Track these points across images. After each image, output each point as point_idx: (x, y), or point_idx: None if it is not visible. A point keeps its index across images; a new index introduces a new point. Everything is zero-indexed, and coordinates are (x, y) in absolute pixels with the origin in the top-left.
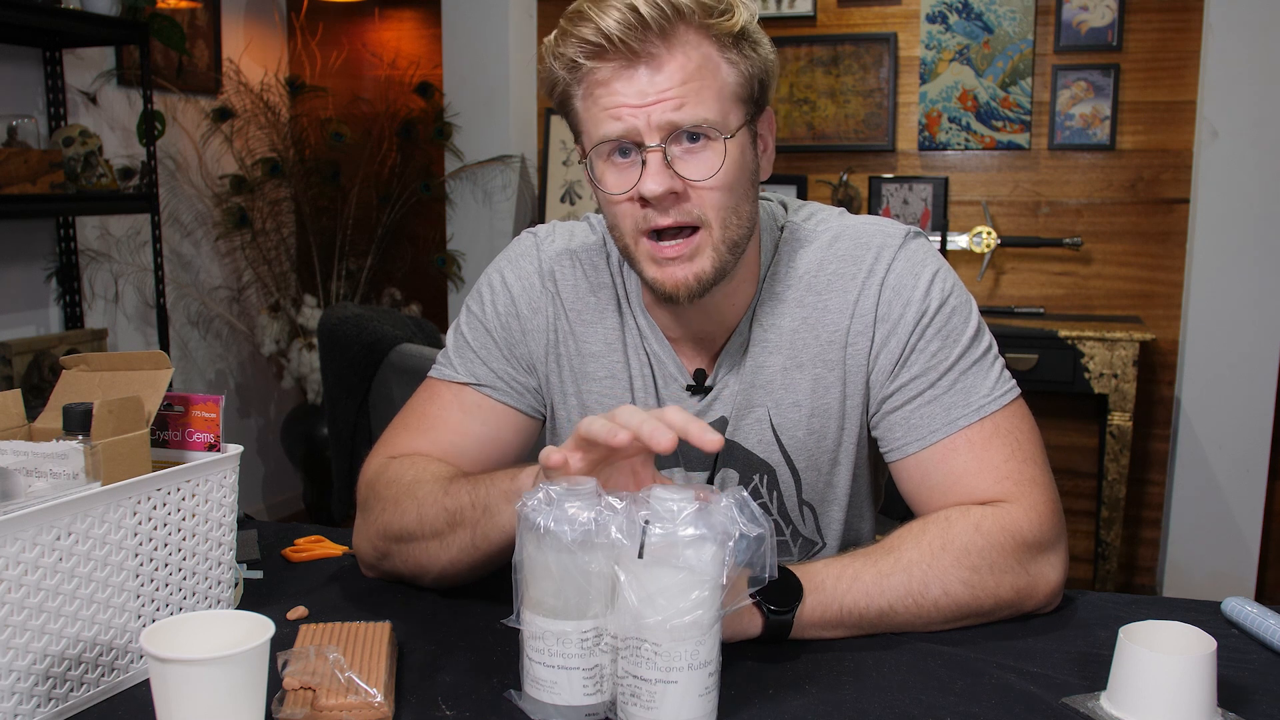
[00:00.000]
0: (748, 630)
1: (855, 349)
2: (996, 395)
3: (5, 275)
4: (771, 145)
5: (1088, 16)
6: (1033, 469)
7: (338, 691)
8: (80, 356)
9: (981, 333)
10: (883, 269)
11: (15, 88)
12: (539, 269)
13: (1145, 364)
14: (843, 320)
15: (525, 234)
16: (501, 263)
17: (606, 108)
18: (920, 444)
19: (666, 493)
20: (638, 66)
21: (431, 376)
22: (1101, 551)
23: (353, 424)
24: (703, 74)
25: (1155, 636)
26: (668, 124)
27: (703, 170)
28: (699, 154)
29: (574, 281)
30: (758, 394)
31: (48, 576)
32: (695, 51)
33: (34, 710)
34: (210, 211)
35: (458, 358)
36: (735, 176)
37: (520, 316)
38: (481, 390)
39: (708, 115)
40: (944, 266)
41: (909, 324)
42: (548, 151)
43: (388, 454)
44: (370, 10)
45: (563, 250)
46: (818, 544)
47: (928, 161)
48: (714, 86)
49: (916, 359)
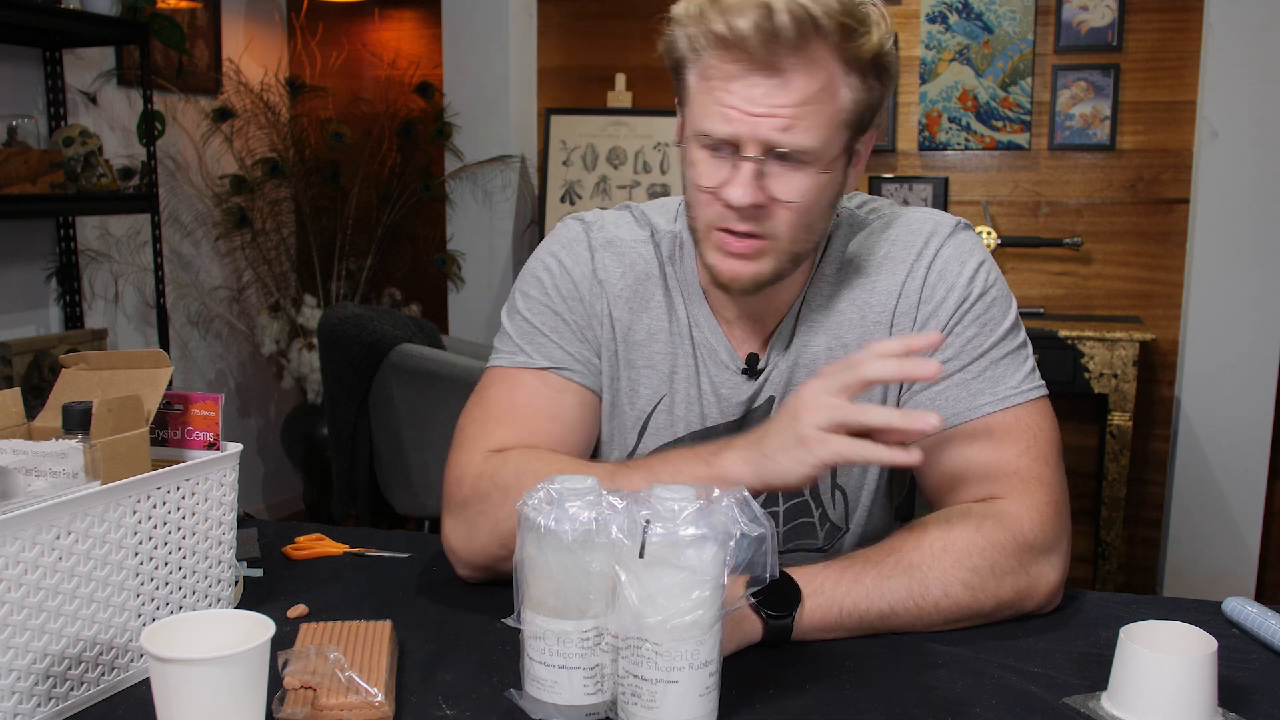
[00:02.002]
0: (748, 637)
1: (899, 329)
2: (1024, 389)
3: (5, 275)
4: (865, 159)
5: (1088, 16)
6: (1043, 468)
7: (338, 691)
8: (79, 355)
9: (1017, 329)
10: (930, 254)
11: (15, 88)
12: (590, 257)
13: (1145, 364)
14: (889, 301)
15: (571, 220)
16: (554, 247)
17: (719, 102)
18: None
19: (667, 492)
20: (760, 74)
21: (501, 366)
22: (1101, 551)
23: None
24: (820, 98)
25: (1156, 636)
26: (770, 142)
27: (790, 193)
28: (790, 176)
29: (621, 271)
30: (801, 373)
31: (47, 575)
32: (821, 71)
33: (34, 710)
34: (210, 211)
35: (529, 344)
36: (818, 200)
37: (584, 300)
38: (562, 374)
39: (811, 145)
40: (990, 260)
41: (950, 307)
42: (548, 151)
43: (486, 449)
44: (370, 10)
45: (611, 239)
46: (842, 530)
47: (928, 161)
48: (826, 113)
49: (952, 341)
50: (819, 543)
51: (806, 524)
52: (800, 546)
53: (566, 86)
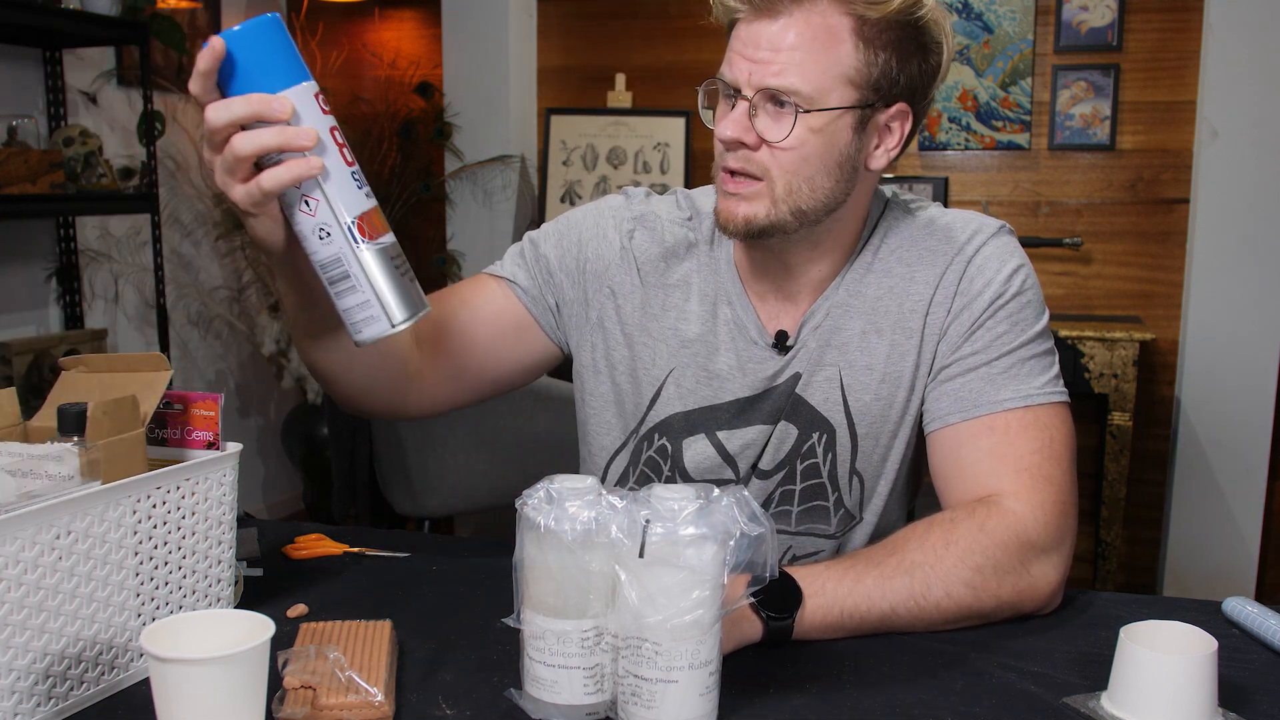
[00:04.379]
0: (748, 637)
1: (933, 319)
2: (1047, 391)
3: (5, 275)
4: (899, 140)
5: (1088, 16)
6: (1054, 468)
7: (338, 691)
8: (79, 358)
9: (1046, 335)
10: (972, 250)
11: (15, 88)
12: (618, 228)
13: (1145, 364)
14: (927, 291)
15: (618, 192)
16: (589, 208)
17: (732, 48)
18: (961, 415)
19: (667, 492)
20: (763, 19)
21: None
22: (1101, 551)
23: (353, 424)
24: (816, 45)
25: (1156, 636)
26: (761, 84)
27: (774, 133)
28: (779, 117)
29: (649, 243)
30: (831, 353)
31: (47, 575)
32: (820, 20)
33: (34, 710)
34: (210, 211)
35: (508, 258)
36: (811, 150)
37: (579, 260)
38: (513, 287)
39: (799, 87)
40: (1029, 266)
41: (985, 302)
42: (548, 151)
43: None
44: (370, 10)
45: (649, 213)
46: (856, 519)
47: (928, 161)
48: (822, 62)
49: (982, 335)
50: (831, 529)
51: (821, 508)
52: (812, 531)
53: (566, 86)
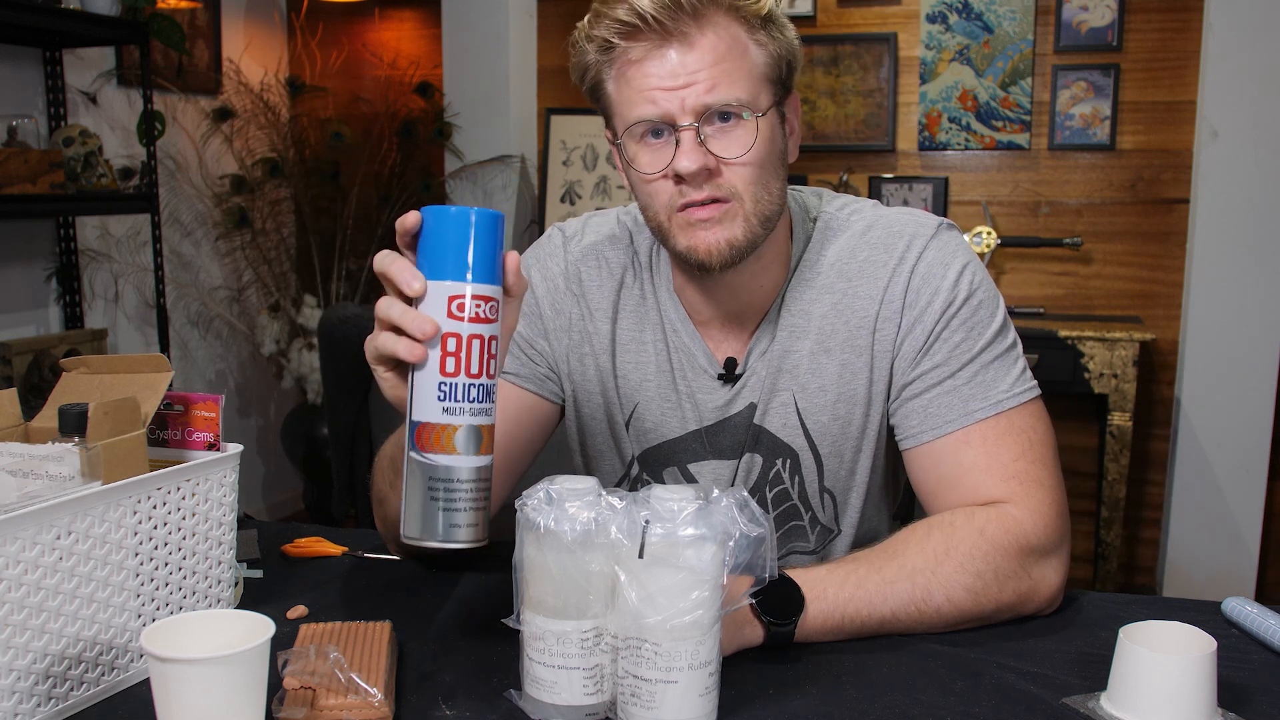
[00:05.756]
0: (750, 641)
1: (882, 335)
2: (1015, 392)
3: (5, 275)
4: (798, 128)
5: (1088, 16)
6: (1041, 470)
7: (338, 691)
8: (80, 359)
9: (1006, 329)
10: (914, 257)
11: (15, 88)
12: (564, 270)
13: (1145, 364)
14: (872, 306)
15: (554, 231)
16: (529, 261)
17: (640, 89)
18: (934, 433)
19: (667, 493)
20: (670, 46)
21: None
22: (1101, 551)
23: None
24: (733, 55)
25: (1155, 636)
26: (701, 106)
27: (735, 148)
28: (731, 132)
29: (599, 281)
30: (784, 378)
31: (47, 576)
32: (725, 33)
33: (34, 710)
34: (210, 211)
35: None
36: (766, 154)
37: (544, 317)
38: (515, 379)
39: (740, 95)
40: (974, 260)
41: (935, 312)
42: (548, 151)
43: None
44: (370, 10)
45: (589, 248)
46: (834, 532)
47: (928, 161)
48: (744, 67)
49: (940, 348)
50: (810, 545)
51: (797, 527)
52: (793, 550)
53: (566, 86)
